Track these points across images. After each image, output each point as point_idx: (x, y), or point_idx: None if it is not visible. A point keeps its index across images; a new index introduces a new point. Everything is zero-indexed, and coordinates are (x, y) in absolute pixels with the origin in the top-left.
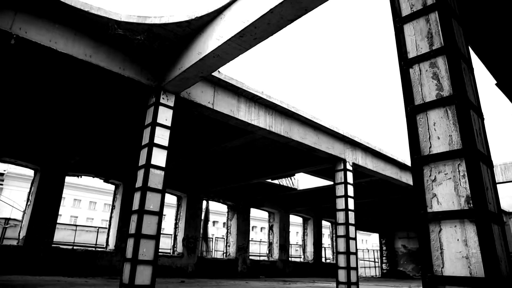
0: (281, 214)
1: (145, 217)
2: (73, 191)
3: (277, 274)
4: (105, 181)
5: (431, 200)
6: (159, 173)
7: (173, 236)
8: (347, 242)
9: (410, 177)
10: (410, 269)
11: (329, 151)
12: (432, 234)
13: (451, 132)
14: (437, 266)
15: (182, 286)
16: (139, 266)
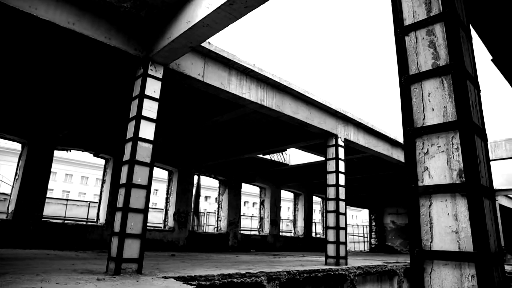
0: (272, 189)
1: (133, 190)
2: (64, 166)
3: (268, 249)
4: (95, 155)
5: (423, 174)
6: (147, 146)
7: (164, 210)
8: (337, 217)
9: (401, 153)
10: (398, 244)
11: (321, 126)
12: (422, 208)
13: (446, 103)
14: (425, 241)
15: (172, 259)
16: (127, 239)
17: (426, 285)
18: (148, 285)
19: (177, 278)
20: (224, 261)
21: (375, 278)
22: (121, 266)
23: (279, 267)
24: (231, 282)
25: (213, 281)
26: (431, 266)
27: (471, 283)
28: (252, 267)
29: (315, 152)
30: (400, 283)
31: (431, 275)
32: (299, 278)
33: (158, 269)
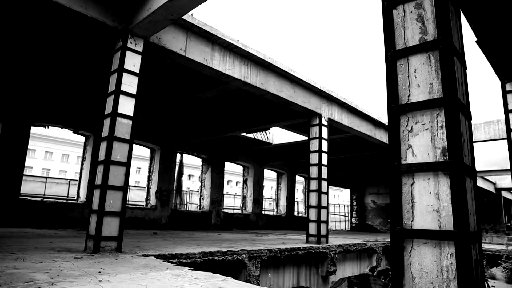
0: (255, 168)
1: (111, 167)
2: (44, 143)
3: (250, 227)
4: (74, 132)
5: (406, 152)
6: (126, 122)
7: (147, 188)
8: (319, 197)
9: (384, 134)
10: (378, 223)
11: (305, 105)
12: (404, 187)
13: (432, 79)
14: (407, 220)
15: (154, 237)
16: (106, 217)
17: (406, 263)
18: (127, 263)
19: (158, 256)
20: (206, 239)
21: (355, 256)
22: (100, 245)
23: (260, 245)
24: (212, 260)
25: (194, 259)
26: (411, 244)
27: (450, 261)
28: (234, 245)
29: (299, 132)
30: (379, 261)
31: (411, 254)
32: (280, 256)
33: (139, 247)
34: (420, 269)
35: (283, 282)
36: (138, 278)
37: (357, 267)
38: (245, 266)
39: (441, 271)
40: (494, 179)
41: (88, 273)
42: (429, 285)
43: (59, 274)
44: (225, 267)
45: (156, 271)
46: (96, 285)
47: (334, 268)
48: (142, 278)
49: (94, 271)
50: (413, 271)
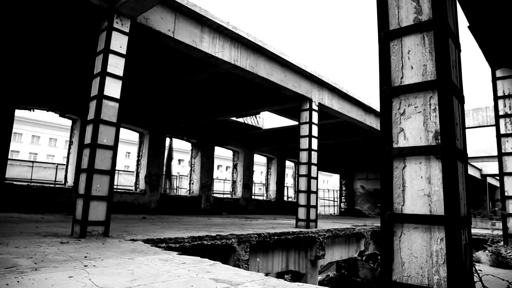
0: (245, 153)
1: (98, 151)
2: (31, 127)
3: (240, 211)
4: (60, 115)
5: (398, 135)
6: (113, 105)
7: (136, 173)
8: (309, 181)
9: (374, 119)
10: (366, 208)
11: (296, 89)
12: (395, 171)
13: (426, 61)
14: (397, 204)
15: (142, 222)
16: (92, 202)
17: (395, 248)
18: (114, 248)
19: (146, 241)
20: (195, 223)
21: (343, 240)
22: (87, 229)
23: (250, 229)
24: (201, 245)
25: (183, 243)
26: (401, 229)
27: (440, 246)
28: (223, 230)
29: (289, 116)
30: (367, 245)
31: (401, 239)
32: (269, 241)
33: (127, 231)
34: (409, 254)
35: (272, 266)
36: (125, 263)
37: (346, 252)
38: (235, 250)
39: (430, 256)
40: (480, 166)
41: (74, 258)
42: (418, 269)
43: (43, 259)
44: (214, 252)
45: (143, 256)
46: (81, 270)
47: (323, 252)
48: (129, 263)
49: (80, 256)
50: (403, 256)
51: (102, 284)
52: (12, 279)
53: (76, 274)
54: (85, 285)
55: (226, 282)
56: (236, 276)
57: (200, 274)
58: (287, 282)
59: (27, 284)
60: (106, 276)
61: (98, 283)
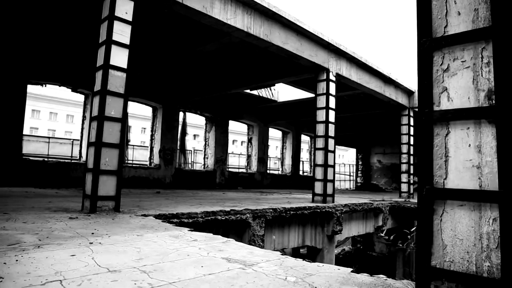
0: (260, 127)
1: (105, 124)
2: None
3: (255, 186)
4: (73, 90)
5: (440, 96)
6: (120, 75)
7: (150, 147)
8: (326, 155)
9: (394, 91)
10: (383, 182)
11: (312, 59)
12: (436, 138)
13: (477, 4)
14: (438, 177)
15: (156, 196)
16: (101, 176)
17: (435, 229)
18: (124, 224)
19: (157, 216)
20: (209, 198)
21: (361, 216)
22: (97, 204)
23: (265, 204)
24: (215, 220)
25: (196, 218)
26: (443, 207)
27: (492, 227)
28: (237, 204)
29: (305, 88)
30: (385, 220)
31: (442, 218)
32: (285, 216)
33: (139, 206)
34: (453, 236)
35: (288, 241)
36: (133, 240)
37: (363, 227)
38: (249, 225)
39: (480, 238)
40: None
41: (80, 235)
42: (463, 254)
43: (48, 236)
44: (229, 227)
45: (153, 232)
46: (85, 248)
47: (340, 227)
48: (137, 240)
49: (87, 232)
50: (445, 238)
51: (105, 263)
52: (11, 258)
53: (80, 252)
54: (87, 265)
55: (239, 262)
56: (250, 255)
57: (211, 252)
58: (306, 262)
59: (26, 263)
60: (110, 255)
61: (101, 263)
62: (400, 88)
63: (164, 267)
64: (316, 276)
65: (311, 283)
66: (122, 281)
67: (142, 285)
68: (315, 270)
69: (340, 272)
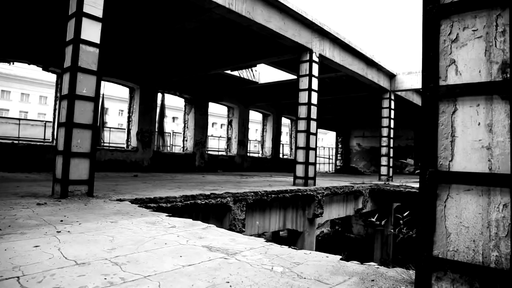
0: (240, 109)
1: (77, 103)
2: (19, 85)
3: (235, 169)
4: (43, 69)
5: (447, 69)
6: (92, 50)
7: (127, 130)
8: (308, 137)
9: (376, 74)
10: (362, 165)
11: (295, 39)
12: (442, 116)
13: None
14: (443, 159)
15: (133, 180)
16: (73, 159)
17: (439, 215)
18: (97, 210)
19: (133, 201)
20: (189, 181)
21: (341, 199)
22: (68, 189)
23: (246, 187)
24: (195, 204)
25: (174, 203)
26: (448, 192)
27: (502, 214)
28: (218, 188)
29: (287, 70)
30: (365, 203)
31: (447, 203)
32: (266, 199)
33: (115, 190)
34: (458, 223)
35: (269, 225)
36: (106, 227)
37: (343, 209)
38: (230, 209)
39: (487, 226)
40: None
41: (48, 222)
42: (469, 243)
43: (11, 225)
44: (209, 211)
45: (128, 219)
46: (52, 237)
47: (321, 210)
48: (110, 227)
49: (55, 219)
50: (449, 226)
51: (73, 255)
52: None
53: (45, 243)
54: (52, 257)
55: (221, 251)
56: (233, 243)
57: (191, 240)
58: (292, 249)
59: None
60: (80, 245)
61: (68, 254)
62: (382, 71)
63: (139, 258)
64: (304, 265)
65: (299, 273)
66: (91, 276)
67: (113, 280)
68: (303, 259)
69: (329, 260)
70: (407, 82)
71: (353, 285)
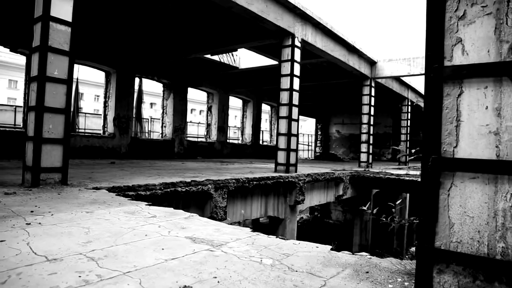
0: (220, 94)
1: (48, 85)
2: None
3: (215, 155)
4: (11, 50)
5: (453, 49)
6: (63, 29)
7: (103, 115)
8: (289, 124)
9: (357, 60)
10: (341, 152)
11: (278, 22)
12: (446, 99)
13: None
14: (447, 145)
15: (110, 167)
16: (44, 145)
17: (442, 204)
18: (71, 199)
19: (111, 189)
20: (168, 168)
21: (322, 185)
22: (40, 177)
23: (227, 174)
24: (175, 192)
25: (154, 191)
26: (452, 180)
27: (509, 203)
28: (198, 175)
29: (268, 55)
30: (345, 190)
31: (450, 192)
32: (248, 186)
33: (91, 178)
34: (462, 213)
35: (250, 212)
36: (81, 218)
37: (324, 196)
38: (211, 197)
39: (494, 216)
40: None
41: (16, 214)
42: (474, 234)
43: None
44: (189, 199)
45: (105, 208)
46: (20, 230)
47: (302, 197)
48: (86, 218)
49: (25, 210)
50: (452, 216)
51: (43, 250)
52: None
53: (12, 237)
54: (19, 253)
55: (206, 242)
56: (218, 233)
57: (173, 231)
58: (280, 239)
59: None
60: (52, 238)
61: (39, 249)
62: (364, 58)
63: (117, 252)
64: (294, 256)
65: (290, 265)
66: (63, 274)
67: (88, 278)
68: (292, 250)
69: (319, 251)
70: (387, 69)
71: (348, 278)
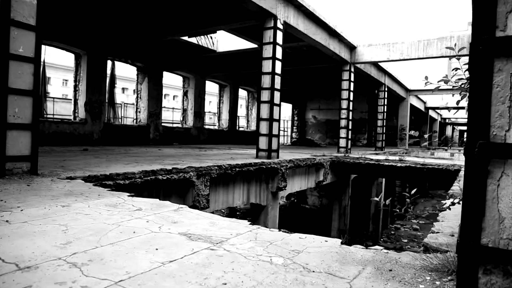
0: (196, 79)
1: (11, 64)
2: None
3: (191, 141)
4: None
5: (507, 16)
6: (28, 1)
7: (74, 100)
8: (271, 108)
9: (338, 45)
10: (317, 138)
11: (260, 3)
12: (497, 76)
13: None
14: (497, 129)
15: (84, 154)
16: (10, 132)
17: (490, 196)
18: (43, 191)
19: (87, 178)
20: (145, 155)
21: (303, 171)
22: (5, 167)
23: (208, 161)
24: (155, 180)
25: (133, 179)
26: (503, 168)
27: None
28: (179, 162)
29: (248, 38)
30: (326, 175)
31: (501, 183)
32: (230, 173)
33: (63, 167)
34: None
35: (233, 199)
36: (57, 213)
37: (305, 182)
38: (193, 185)
39: None
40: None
41: None
42: None
43: None
44: (171, 187)
45: (83, 201)
46: None
47: (284, 183)
48: (62, 213)
49: None
50: (502, 209)
51: (13, 255)
52: None
53: None
54: None
55: (204, 239)
56: (214, 228)
57: (164, 226)
58: (283, 233)
59: None
60: (22, 240)
61: (6, 255)
62: (344, 43)
63: (104, 255)
64: (305, 253)
65: (304, 265)
66: (40, 286)
67: None
68: (300, 245)
69: (330, 246)
70: (367, 54)
71: (372, 278)
